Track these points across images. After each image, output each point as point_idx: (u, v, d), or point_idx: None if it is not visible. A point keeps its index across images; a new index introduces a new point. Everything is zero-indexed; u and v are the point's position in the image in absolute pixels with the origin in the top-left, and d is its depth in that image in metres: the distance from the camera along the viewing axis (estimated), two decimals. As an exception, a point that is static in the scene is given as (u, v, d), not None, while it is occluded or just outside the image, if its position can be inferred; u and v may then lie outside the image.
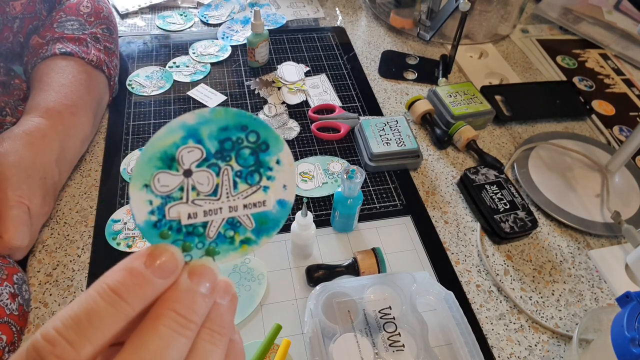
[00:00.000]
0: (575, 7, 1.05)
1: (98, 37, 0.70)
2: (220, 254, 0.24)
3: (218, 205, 0.23)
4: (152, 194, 0.22)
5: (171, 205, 0.23)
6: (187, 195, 0.23)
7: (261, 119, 0.23)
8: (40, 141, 0.55)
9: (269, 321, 0.52)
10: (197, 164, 0.23)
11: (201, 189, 0.23)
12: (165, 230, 0.23)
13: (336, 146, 0.72)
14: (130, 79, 0.79)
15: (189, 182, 0.23)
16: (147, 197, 0.22)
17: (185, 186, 0.23)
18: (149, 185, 0.22)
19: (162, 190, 0.22)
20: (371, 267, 0.54)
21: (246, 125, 0.23)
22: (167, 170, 0.22)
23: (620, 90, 0.90)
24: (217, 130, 0.22)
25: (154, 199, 0.22)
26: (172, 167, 0.22)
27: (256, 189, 0.24)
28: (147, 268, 0.20)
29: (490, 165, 0.68)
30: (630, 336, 0.41)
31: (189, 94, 0.78)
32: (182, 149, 0.22)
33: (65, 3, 0.72)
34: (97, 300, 0.19)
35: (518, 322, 0.55)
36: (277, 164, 0.24)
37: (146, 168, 0.22)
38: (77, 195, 0.62)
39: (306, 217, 0.52)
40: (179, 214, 0.23)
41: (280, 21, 0.96)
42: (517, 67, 0.92)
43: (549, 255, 0.62)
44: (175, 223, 0.23)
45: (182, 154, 0.22)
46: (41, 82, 0.62)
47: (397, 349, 0.46)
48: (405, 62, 0.90)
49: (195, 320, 0.21)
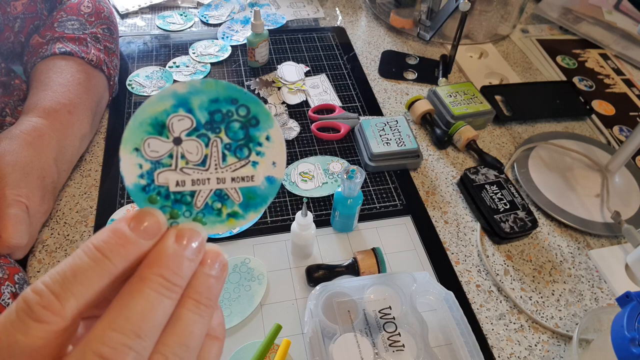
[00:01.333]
0: (575, 7, 1.05)
1: (98, 37, 0.70)
2: (207, 225, 0.25)
3: (206, 176, 0.24)
4: (142, 158, 0.23)
5: (160, 171, 0.23)
6: (177, 162, 0.23)
7: (252, 94, 0.23)
8: (38, 141, 0.55)
9: (269, 321, 0.52)
10: (186, 132, 0.23)
11: (190, 158, 0.23)
12: (153, 195, 0.23)
13: (336, 146, 0.72)
14: (130, 79, 0.79)
15: (179, 150, 0.23)
16: (137, 160, 0.23)
17: (174, 154, 0.23)
18: (139, 150, 0.23)
19: (151, 155, 0.23)
20: (371, 267, 0.54)
21: (236, 98, 0.23)
22: (157, 136, 0.23)
23: (620, 90, 0.90)
24: (208, 101, 0.23)
25: (144, 163, 0.23)
26: (163, 134, 0.23)
27: (245, 162, 0.24)
28: (132, 230, 0.22)
29: (490, 165, 0.68)
30: (630, 336, 0.41)
31: None
32: (173, 117, 0.23)
33: (66, 3, 0.72)
34: (82, 258, 0.20)
35: (518, 322, 0.55)
36: (267, 140, 0.24)
37: (137, 132, 0.22)
38: (77, 195, 0.62)
39: (306, 217, 0.52)
40: (167, 180, 0.23)
41: (280, 21, 0.96)
42: (517, 67, 0.92)
43: (549, 255, 0.62)
44: (164, 189, 0.23)
45: (172, 121, 0.23)
46: (39, 81, 0.62)
47: (397, 349, 0.46)
48: (405, 62, 0.90)
49: (180, 283, 0.22)
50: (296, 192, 0.64)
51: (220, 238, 0.58)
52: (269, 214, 0.62)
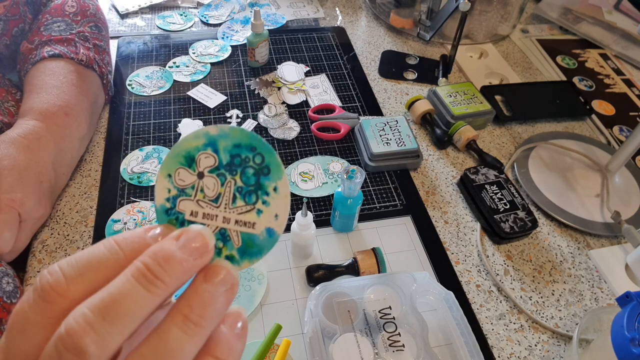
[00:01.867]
0: (575, 7, 1.05)
1: (86, 35, 0.70)
2: None
3: (215, 212, 0.26)
4: (172, 184, 0.26)
5: (182, 199, 0.26)
6: (196, 194, 0.26)
7: (269, 145, 0.25)
8: (35, 144, 0.55)
9: (269, 321, 0.52)
10: (209, 169, 0.26)
11: (207, 193, 0.26)
12: (172, 219, 0.26)
13: (336, 146, 0.72)
14: (131, 79, 0.79)
15: (200, 184, 0.26)
16: (168, 185, 0.26)
17: (196, 186, 0.26)
18: (171, 176, 0.26)
19: (179, 183, 0.26)
20: (371, 267, 0.54)
21: (255, 147, 0.25)
22: (187, 168, 0.26)
23: (620, 90, 0.90)
24: (232, 145, 0.25)
25: (172, 189, 0.26)
26: (191, 167, 0.26)
27: (250, 208, 0.26)
28: (150, 237, 0.23)
29: (490, 165, 0.68)
30: (630, 336, 0.41)
31: (189, 94, 0.78)
32: (201, 154, 0.25)
33: (50, 5, 0.71)
34: (100, 248, 0.22)
35: (518, 322, 0.55)
36: (275, 191, 0.25)
37: (173, 161, 0.26)
38: (77, 195, 0.62)
39: (306, 217, 0.52)
40: (185, 208, 0.26)
41: (280, 21, 0.96)
42: (517, 67, 0.92)
43: (549, 255, 0.62)
44: (181, 216, 0.26)
45: (200, 157, 0.26)
46: (33, 85, 0.62)
47: (397, 349, 0.46)
48: (405, 62, 0.90)
49: (164, 279, 0.21)
50: (296, 192, 0.64)
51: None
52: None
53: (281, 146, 0.71)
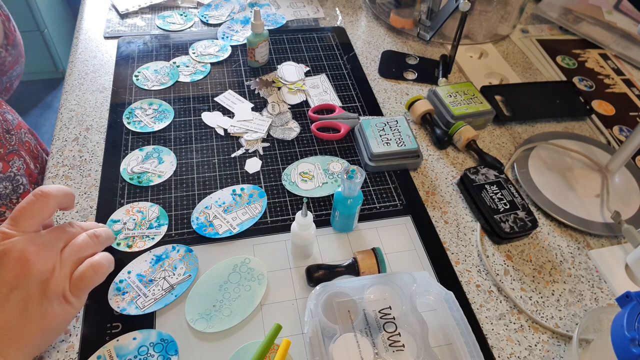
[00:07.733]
0: (575, 7, 1.06)
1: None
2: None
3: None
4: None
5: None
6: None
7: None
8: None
9: (269, 321, 0.52)
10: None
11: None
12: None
13: (336, 146, 0.72)
14: (139, 70, 0.80)
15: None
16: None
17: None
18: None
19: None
20: (371, 267, 0.54)
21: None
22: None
23: (620, 90, 0.90)
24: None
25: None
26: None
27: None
28: None
29: (490, 165, 0.68)
30: (630, 336, 0.41)
31: (217, 100, 0.77)
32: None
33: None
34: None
35: (518, 322, 0.55)
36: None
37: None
38: (77, 195, 0.62)
39: (306, 217, 0.52)
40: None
41: (280, 21, 0.96)
42: (517, 67, 0.92)
43: (549, 255, 0.62)
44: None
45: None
46: None
47: (397, 349, 0.46)
48: (405, 62, 0.90)
49: None
50: (296, 192, 0.64)
51: (221, 238, 0.58)
52: (269, 214, 0.62)
53: (281, 146, 0.71)
